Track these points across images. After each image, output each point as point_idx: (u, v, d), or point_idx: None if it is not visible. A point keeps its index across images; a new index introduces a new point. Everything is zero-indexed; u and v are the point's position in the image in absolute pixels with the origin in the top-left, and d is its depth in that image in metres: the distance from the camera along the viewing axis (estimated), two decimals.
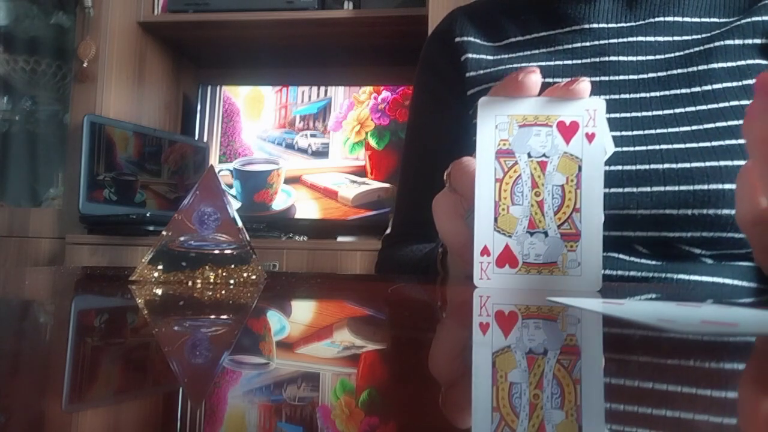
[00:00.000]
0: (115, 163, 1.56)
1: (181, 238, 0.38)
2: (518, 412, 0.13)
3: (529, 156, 0.37)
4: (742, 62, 0.56)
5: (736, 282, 0.54)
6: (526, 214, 0.37)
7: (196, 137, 1.80)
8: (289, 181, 1.74)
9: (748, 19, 0.57)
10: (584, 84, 0.38)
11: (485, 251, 0.37)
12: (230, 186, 1.75)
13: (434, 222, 0.44)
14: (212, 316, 0.27)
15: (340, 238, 1.65)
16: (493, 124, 0.38)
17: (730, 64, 0.56)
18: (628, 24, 0.61)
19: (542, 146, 0.37)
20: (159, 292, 0.34)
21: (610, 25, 0.61)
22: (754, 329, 0.22)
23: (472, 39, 0.67)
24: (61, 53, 1.73)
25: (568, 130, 0.37)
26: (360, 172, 1.71)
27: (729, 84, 0.55)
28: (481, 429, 0.12)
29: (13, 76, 1.73)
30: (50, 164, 1.73)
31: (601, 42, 0.61)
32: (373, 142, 1.72)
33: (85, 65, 1.54)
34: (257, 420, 0.13)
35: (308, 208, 1.72)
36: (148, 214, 1.49)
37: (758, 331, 0.22)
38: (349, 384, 0.16)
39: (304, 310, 0.32)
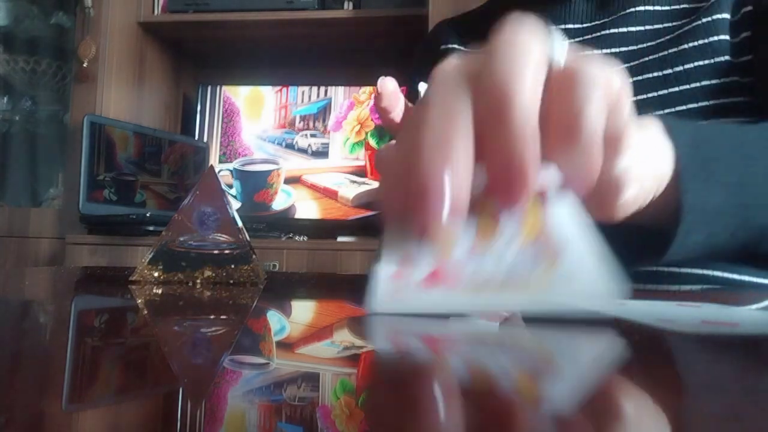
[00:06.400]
0: (115, 163, 1.56)
1: (181, 238, 0.38)
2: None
3: None
4: (714, 38, 0.56)
5: (726, 275, 0.53)
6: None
7: (196, 137, 1.80)
8: (289, 181, 1.74)
9: None
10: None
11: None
12: (230, 186, 1.75)
13: None
14: (212, 316, 0.27)
15: (340, 238, 1.65)
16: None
17: (700, 41, 0.57)
18: (602, 21, 0.63)
19: None
20: (159, 292, 0.34)
21: (585, 25, 0.63)
22: (754, 329, 0.22)
23: (456, 47, 0.70)
24: (61, 53, 1.73)
25: None
26: (360, 172, 1.71)
27: (700, 63, 0.56)
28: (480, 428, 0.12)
29: (13, 76, 1.73)
30: (50, 164, 1.73)
31: (576, 40, 0.62)
32: (373, 142, 1.72)
33: (85, 65, 1.54)
34: (257, 420, 0.13)
35: (308, 208, 1.72)
36: (148, 214, 1.49)
37: (759, 331, 0.22)
38: (349, 384, 0.16)
39: (304, 310, 0.32)
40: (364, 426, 0.13)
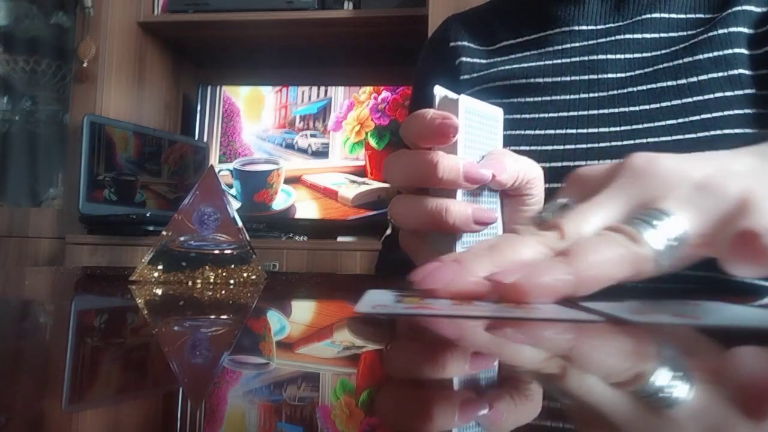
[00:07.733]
0: (115, 163, 1.56)
1: (181, 238, 0.38)
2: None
3: None
4: (728, 51, 0.56)
5: (714, 274, 0.54)
6: None
7: (196, 137, 1.80)
8: (289, 181, 1.74)
9: (730, 10, 0.58)
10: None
11: None
12: (230, 186, 1.75)
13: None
14: (212, 316, 0.27)
15: (340, 238, 1.65)
16: None
17: (715, 53, 0.57)
18: (616, 24, 0.62)
19: None
20: (159, 292, 0.34)
21: (599, 27, 0.63)
22: (713, 321, 0.23)
23: (465, 44, 0.69)
24: (61, 53, 1.73)
25: None
26: (360, 172, 1.71)
27: (714, 75, 0.56)
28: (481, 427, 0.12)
29: (13, 76, 1.73)
30: (50, 164, 1.73)
31: (590, 42, 0.62)
32: (373, 142, 1.72)
33: (85, 65, 1.54)
34: (257, 420, 0.13)
35: (308, 208, 1.72)
36: (148, 214, 1.49)
37: (717, 323, 0.23)
38: (349, 384, 0.16)
39: (304, 310, 0.32)
40: (364, 426, 0.13)
